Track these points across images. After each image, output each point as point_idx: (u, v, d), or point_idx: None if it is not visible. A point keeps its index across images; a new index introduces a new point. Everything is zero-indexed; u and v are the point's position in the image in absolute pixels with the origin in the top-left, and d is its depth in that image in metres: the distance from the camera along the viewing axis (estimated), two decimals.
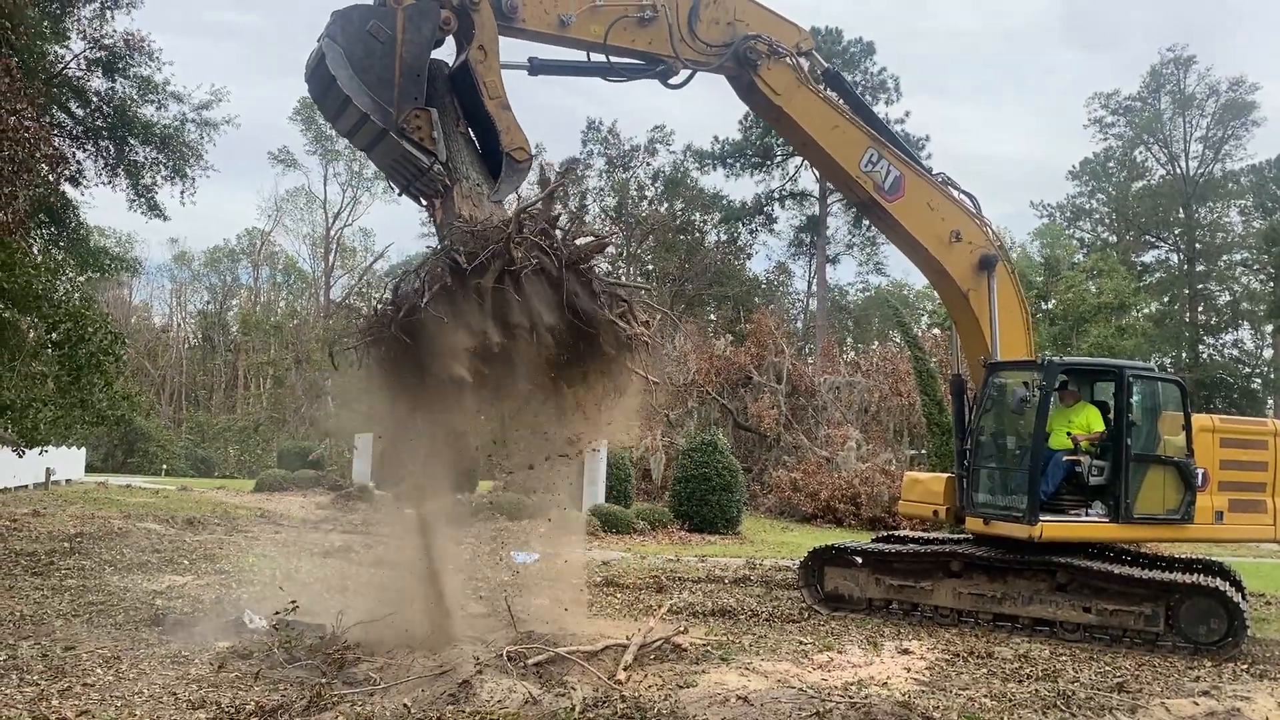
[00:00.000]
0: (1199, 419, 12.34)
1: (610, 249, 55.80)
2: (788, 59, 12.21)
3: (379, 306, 9.34)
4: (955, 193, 13.19)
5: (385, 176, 10.39)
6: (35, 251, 17.88)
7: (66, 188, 19.63)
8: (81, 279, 20.53)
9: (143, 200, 21.81)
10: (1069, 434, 12.17)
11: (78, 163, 20.27)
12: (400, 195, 10.52)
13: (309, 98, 11.34)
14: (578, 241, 9.19)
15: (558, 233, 9.05)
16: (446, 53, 10.22)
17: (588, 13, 10.86)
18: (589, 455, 19.96)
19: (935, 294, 15.23)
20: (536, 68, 11.20)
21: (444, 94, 9.99)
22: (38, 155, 13.78)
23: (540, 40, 10.98)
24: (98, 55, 20.35)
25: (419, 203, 10.22)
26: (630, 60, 11.59)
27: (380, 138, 9.52)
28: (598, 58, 11.41)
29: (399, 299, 8.96)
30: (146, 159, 21.45)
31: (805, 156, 14.12)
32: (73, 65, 20.22)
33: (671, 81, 11.82)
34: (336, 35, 9.28)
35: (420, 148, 9.45)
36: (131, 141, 21.05)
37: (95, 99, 20.74)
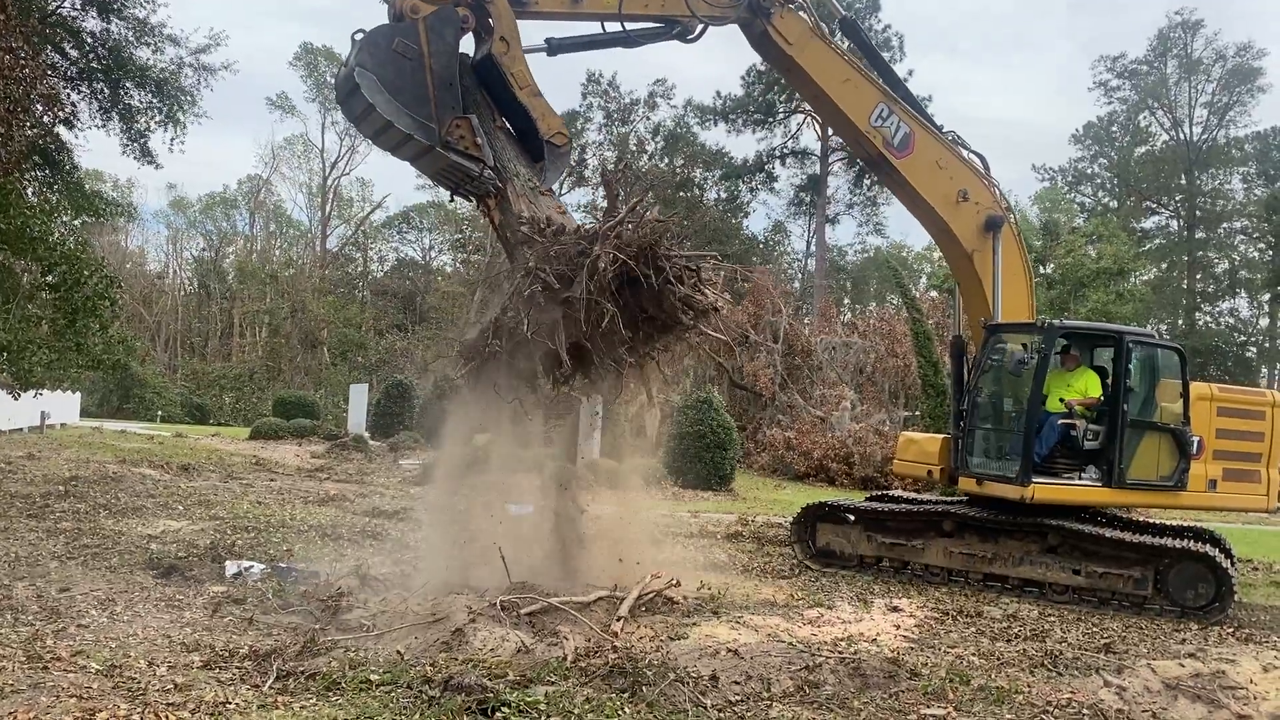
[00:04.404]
0: (1197, 387, 12.33)
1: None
2: (801, 9, 12.09)
3: (481, 341, 9.59)
4: (965, 152, 13.07)
5: (433, 182, 10.44)
6: (30, 194, 17.72)
7: (61, 130, 19.43)
8: (77, 223, 20.37)
9: (136, 145, 21.55)
10: (1063, 399, 12.16)
11: (72, 104, 20.00)
12: (452, 200, 10.67)
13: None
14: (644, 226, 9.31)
15: (629, 227, 9.16)
16: (466, 44, 10.25)
17: None
18: (585, 410, 19.97)
19: (934, 256, 15.16)
20: (555, 48, 11.23)
21: (474, 89, 10.07)
22: (33, 95, 13.60)
23: (555, 19, 10.99)
24: None
25: (469, 201, 10.36)
26: (646, 25, 11.55)
27: (426, 152, 9.64)
28: (613, 27, 11.36)
29: (496, 326, 9.25)
30: (141, 103, 21.18)
31: (815, 109, 14.02)
32: (67, 5, 19.88)
33: (688, 38, 11.80)
34: (366, 62, 9.35)
35: (468, 156, 9.62)
36: (126, 85, 20.76)
37: (90, 40, 20.41)
